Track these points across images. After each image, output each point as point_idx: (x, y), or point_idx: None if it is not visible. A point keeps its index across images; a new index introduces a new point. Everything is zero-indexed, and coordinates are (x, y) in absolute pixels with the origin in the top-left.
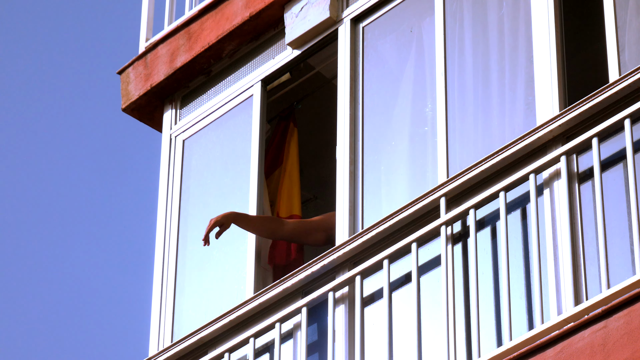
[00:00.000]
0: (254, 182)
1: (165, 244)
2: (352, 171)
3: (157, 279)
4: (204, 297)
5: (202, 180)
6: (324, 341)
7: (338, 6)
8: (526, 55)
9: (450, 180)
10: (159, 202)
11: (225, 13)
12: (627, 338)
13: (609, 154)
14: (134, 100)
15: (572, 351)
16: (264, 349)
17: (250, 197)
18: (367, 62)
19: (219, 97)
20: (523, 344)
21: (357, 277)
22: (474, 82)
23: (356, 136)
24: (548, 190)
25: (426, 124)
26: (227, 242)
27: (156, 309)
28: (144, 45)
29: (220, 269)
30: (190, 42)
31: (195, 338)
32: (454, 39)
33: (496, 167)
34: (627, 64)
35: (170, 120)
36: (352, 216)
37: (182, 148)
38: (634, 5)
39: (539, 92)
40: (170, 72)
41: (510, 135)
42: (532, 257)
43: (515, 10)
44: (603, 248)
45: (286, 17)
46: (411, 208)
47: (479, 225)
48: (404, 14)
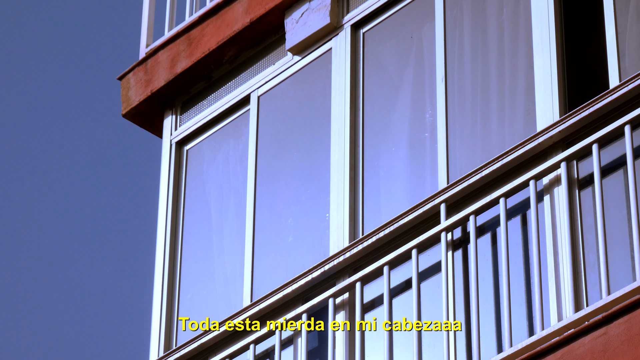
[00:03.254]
0: (251, 189)
1: (166, 249)
2: (352, 177)
3: (158, 285)
4: (205, 304)
5: (202, 185)
6: (324, 347)
7: (338, 12)
8: (526, 61)
9: (451, 187)
10: (160, 207)
11: (226, 19)
12: (627, 344)
13: (609, 160)
14: (135, 106)
15: (573, 357)
16: (265, 355)
17: (247, 203)
18: (367, 67)
19: (219, 103)
20: (523, 351)
21: (358, 284)
22: (473, 88)
23: (356, 142)
24: (548, 197)
25: (426, 130)
26: (227, 248)
27: (157, 314)
28: (144, 51)
29: (220, 275)
30: (190, 48)
31: (195, 344)
32: (454, 45)
33: (496, 174)
34: (628, 70)
35: (170, 126)
36: (352, 222)
37: (183, 154)
38: (634, 11)
39: (539, 98)
40: (170, 77)
41: (510, 142)
42: (533, 263)
43: (516, 16)
44: (603, 254)
45: (286, 23)
46: (411, 214)
47: (479, 231)
48: (405, 20)
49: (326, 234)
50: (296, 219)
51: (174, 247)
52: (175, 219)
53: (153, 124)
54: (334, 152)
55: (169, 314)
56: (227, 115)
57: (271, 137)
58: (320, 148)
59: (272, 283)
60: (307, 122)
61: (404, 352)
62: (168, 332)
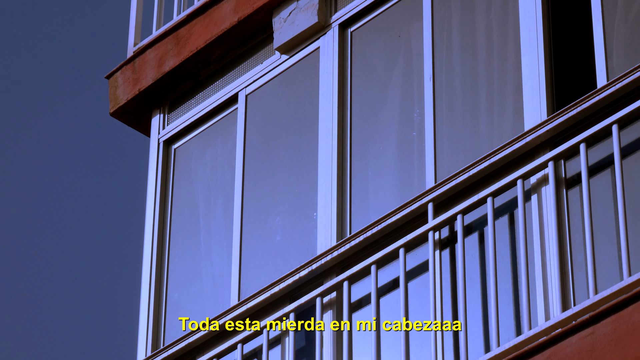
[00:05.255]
0: (239, 188)
1: (154, 248)
2: (340, 176)
3: (145, 284)
4: (192, 303)
5: (190, 184)
6: (311, 347)
7: (326, 11)
8: (514, 60)
9: (438, 186)
10: (147, 206)
11: (214, 18)
12: (614, 344)
13: (596, 160)
14: (122, 104)
15: (560, 357)
16: (252, 354)
17: (235, 202)
18: (355, 67)
19: (207, 102)
20: (511, 350)
21: (345, 283)
22: (461, 88)
23: (344, 141)
24: (536, 196)
25: (414, 129)
26: (215, 247)
27: (144, 314)
28: (132, 49)
29: (208, 274)
30: (178, 46)
31: (183, 344)
32: (442, 45)
33: (484, 173)
34: (615, 69)
35: (158, 124)
36: (340, 221)
37: (171, 152)
38: (621, 11)
39: (526, 98)
40: (158, 76)
41: (498, 141)
42: (520, 262)
43: (504, 16)
44: (591, 254)
45: (274, 22)
46: (399, 213)
47: (467, 230)
48: (393, 20)
49: (314, 233)
50: (284, 218)
51: (162, 245)
52: (163, 217)
53: (141, 122)
54: (321, 151)
55: (156, 313)
56: (215, 114)
57: (259, 136)
58: (308, 147)
59: (259, 282)
60: (295, 121)
61: (391, 351)
62: (155, 332)
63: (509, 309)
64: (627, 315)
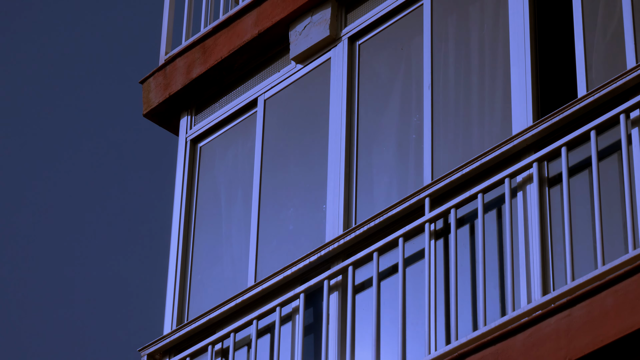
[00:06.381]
0: (257, 182)
1: (180, 236)
2: (347, 173)
3: (172, 267)
4: (214, 283)
5: (214, 179)
6: (319, 324)
7: (337, 26)
8: (503, 71)
9: (435, 183)
10: (175, 198)
11: (237, 30)
12: (589, 325)
13: (576, 162)
14: (154, 107)
15: (540, 336)
16: (266, 329)
17: (253, 195)
18: (362, 75)
19: (230, 105)
20: (496, 329)
21: (350, 267)
22: (456, 95)
23: (351, 142)
24: (521, 193)
25: (414, 132)
26: (234, 235)
27: (170, 293)
28: (163, 58)
29: (228, 259)
30: (204, 55)
31: (205, 319)
32: (440, 57)
33: (475, 172)
34: (594, 81)
35: (186, 125)
36: (347, 213)
37: (197, 150)
38: (600, 28)
39: (514, 105)
40: (186, 82)
41: (488, 143)
42: (506, 251)
43: (495, 31)
44: (569, 245)
45: (291, 35)
46: (399, 207)
47: (460, 222)
48: (396, 34)
49: (323, 223)
50: (296, 209)
51: (187, 232)
52: (189, 208)
53: (170, 123)
54: (331, 151)
55: (182, 292)
56: (237, 117)
57: (275, 136)
58: (319, 147)
59: (274, 266)
60: (308, 124)
61: (390, 328)
62: (180, 308)
63: (495, 292)
64: (600, 300)
